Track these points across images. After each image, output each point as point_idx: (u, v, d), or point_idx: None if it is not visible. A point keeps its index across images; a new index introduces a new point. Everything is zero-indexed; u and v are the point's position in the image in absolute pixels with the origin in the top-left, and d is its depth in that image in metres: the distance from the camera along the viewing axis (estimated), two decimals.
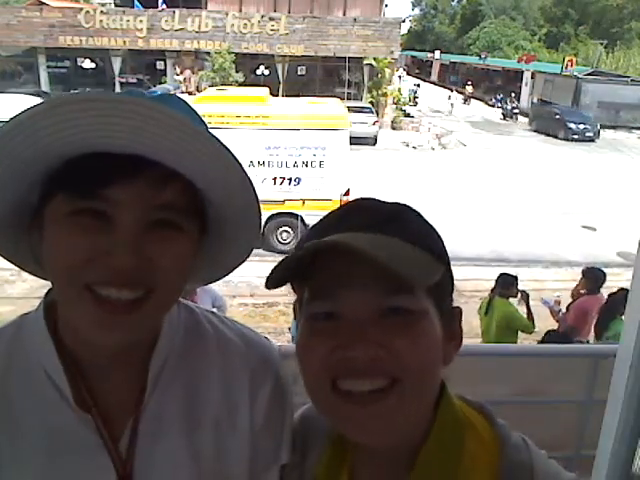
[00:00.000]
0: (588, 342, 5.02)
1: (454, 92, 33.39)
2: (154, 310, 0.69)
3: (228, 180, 0.68)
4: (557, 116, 25.53)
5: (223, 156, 0.66)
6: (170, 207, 0.67)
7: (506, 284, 5.25)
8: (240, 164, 0.67)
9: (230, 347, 0.83)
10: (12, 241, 0.74)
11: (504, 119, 30.74)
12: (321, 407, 0.70)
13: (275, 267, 0.66)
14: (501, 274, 5.41)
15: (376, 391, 0.64)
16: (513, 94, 33.64)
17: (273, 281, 0.67)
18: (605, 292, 5.31)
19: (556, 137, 24.81)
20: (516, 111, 30.80)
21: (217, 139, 0.65)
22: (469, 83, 38.29)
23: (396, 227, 0.68)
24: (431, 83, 45.91)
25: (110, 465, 0.72)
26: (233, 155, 0.66)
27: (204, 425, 0.78)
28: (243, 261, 0.83)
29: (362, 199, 0.75)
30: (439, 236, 0.73)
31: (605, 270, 5.51)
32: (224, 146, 0.65)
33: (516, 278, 5.37)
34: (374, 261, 0.60)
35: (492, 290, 5.35)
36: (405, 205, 0.74)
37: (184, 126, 0.62)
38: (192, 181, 0.68)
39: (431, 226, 0.73)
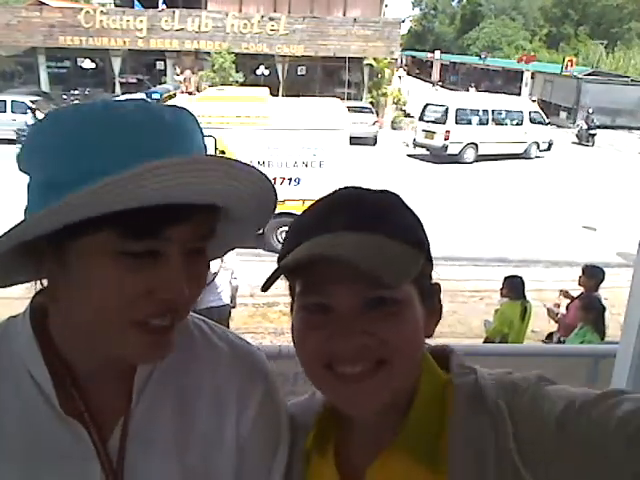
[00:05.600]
0: None
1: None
2: (180, 325, 0.72)
3: (264, 210, 0.77)
4: None
5: (269, 195, 0.74)
6: (209, 235, 0.71)
7: (516, 285, 5.32)
8: (270, 181, 0.72)
9: (219, 357, 0.83)
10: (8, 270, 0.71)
11: (580, 143, 23.51)
12: (318, 385, 0.78)
13: (269, 277, 0.73)
14: (510, 276, 5.50)
15: (367, 370, 0.71)
16: (576, 108, 25.90)
17: (267, 286, 0.73)
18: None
19: None
20: (593, 132, 23.30)
21: (267, 178, 0.71)
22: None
23: (378, 223, 0.72)
24: (431, 83, 45.95)
25: (100, 473, 0.71)
26: (274, 187, 0.73)
27: (193, 440, 0.77)
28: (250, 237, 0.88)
29: (345, 190, 0.78)
30: (419, 222, 0.78)
31: None
32: (270, 182, 0.72)
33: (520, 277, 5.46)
34: (356, 267, 0.66)
35: (524, 296, 5.40)
36: (388, 194, 0.78)
37: (252, 176, 0.68)
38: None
39: (412, 213, 0.78)
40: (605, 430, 0.65)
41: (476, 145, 18.24)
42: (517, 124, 19.47)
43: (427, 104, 19.03)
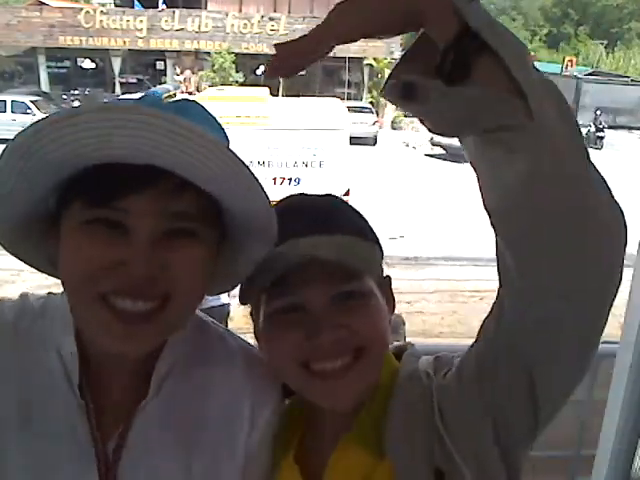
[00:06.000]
0: None
1: None
2: (171, 319, 0.68)
3: (243, 192, 0.68)
4: None
5: (240, 171, 0.65)
6: (185, 215, 0.66)
7: None
8: (255, 177, 0.66)
9: (236, 366, 0.82)
10: (32, 249, 0.75)
11: (587, 145, 21.59)
12: (296, 384, 0.79)
13: (245, 294, 0.80)
14: None
15: (345, 365, 0.74)
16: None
17: (245, 301, 0.81)
18: None
19: None
20: (602, 135, 21.19)
21: (236, 155, 0.63)
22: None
23: (334, 224, 0.77)
24: None
25: (94, 463, 0.71)
26: (249, 168, 0.65)
27: (202, 447, 0.77)
28: None
29: (292, 199, 0.83)
30: (365, 218, 0.83)
31: None
32: (242, 161, 0.64)
33: None
34: (333, 262, 0.72)
35: None
36: (333, 197, 0.84)
37: (205, 141, 0.61)
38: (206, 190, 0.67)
39: (357, 211, 0.84)
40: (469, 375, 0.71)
41: None
42: None
43: None
